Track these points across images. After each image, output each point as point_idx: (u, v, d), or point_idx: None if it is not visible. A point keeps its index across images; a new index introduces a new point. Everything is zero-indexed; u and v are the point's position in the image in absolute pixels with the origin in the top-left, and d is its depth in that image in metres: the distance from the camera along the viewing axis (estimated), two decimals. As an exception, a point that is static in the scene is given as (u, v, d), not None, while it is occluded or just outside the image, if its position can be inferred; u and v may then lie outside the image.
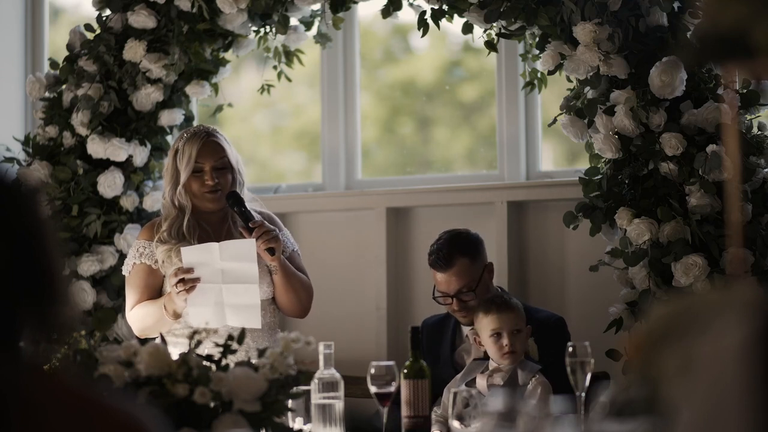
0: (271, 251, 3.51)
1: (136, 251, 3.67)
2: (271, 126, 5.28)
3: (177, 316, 3.55)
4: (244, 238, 3.52)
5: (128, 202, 4.40)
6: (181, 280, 3.46)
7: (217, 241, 3.52)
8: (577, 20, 3.75)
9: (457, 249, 3.62)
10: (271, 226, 3.56)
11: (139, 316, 3.63)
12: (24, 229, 1.28)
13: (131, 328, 3.70)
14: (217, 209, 3.62)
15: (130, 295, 3.66)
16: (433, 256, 3.64)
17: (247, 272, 3.48)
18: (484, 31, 4.02)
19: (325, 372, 2.89)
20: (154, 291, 3.63)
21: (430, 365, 3.58)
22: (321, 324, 4.29)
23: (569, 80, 3.91)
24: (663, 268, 3.63)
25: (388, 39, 5.12)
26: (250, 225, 3.52)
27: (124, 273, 3.72)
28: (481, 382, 3.32)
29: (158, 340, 2.57)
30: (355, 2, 4.35)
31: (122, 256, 4.37)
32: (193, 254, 3.49)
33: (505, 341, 3.31)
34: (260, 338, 3.59)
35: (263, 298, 3.60)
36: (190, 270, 3.48)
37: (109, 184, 4.36)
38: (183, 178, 3.60)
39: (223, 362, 2.43)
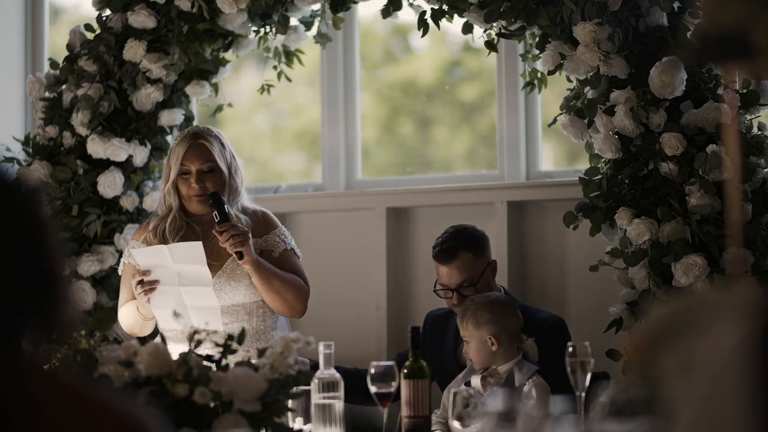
0: (239, 255, 3.45)
1: (126, 250, 3.70)
2: (271, 126, 5.28)
3: (149, 317, 3.56)
4: (216, 239, 3.51)
5: (128, 202, 4.40)
6: (140, 282, 3.47)
7: (205, 242, 3.51)
8: (577, 20, 3.76)
9: (462, 243, 3.64)
10: (242, 229, 3.47)
11: (122, 316, 3.66)
12: (25, 229, 1.28)
13: (121, 326, 3.73)
14: (205, 212, 3.59)
15: (120, 294, 3.69)
16: (438, 248, 3.66)
17: (201, 275, 3.44)
18: (484, 31, 4.02)
19: (325, 372, 2.89)
20: None
21: (433, 357, 3.59)
22: (321, 324, 4.28)
23: (569, 80, 3.91)
24: (663, 268, 3.63)
25: (388, 39, 5.12)
26: (217, 228, 3.48)
27: (119, 272, 3.74)
28: (475, 382, 3.32)
29: (158, 339, 2.57)
30: (355, 2, 4.35)
31: (122, 256, 4.38)
32: (145, 256, 3.49)
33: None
34: (246, 344, 3.53)
35: (246, 302, 3.56)
36: (147, 272, 3.47)
37: (109, 184, 4.36)
38: (171, 177, 3.58)
39: (223, 362, 2.43)
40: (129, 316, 3.62)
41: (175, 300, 3.46)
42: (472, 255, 3.63)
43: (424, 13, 4.06)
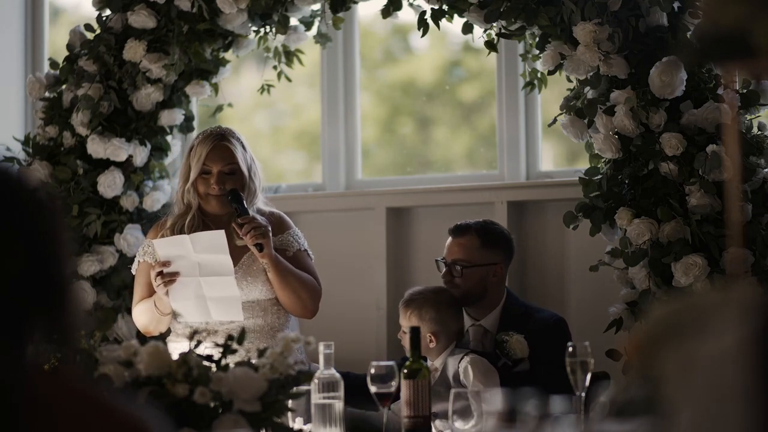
0: (258, 247, 3.49)
1: (142, 249, 3.72)
2: (271, 126, 5.28)
3: (166, 312, 3.57)
4: (235, 233, 3.53)
5: (128, 202, 4.40)
6: (160, 273, 3.48)
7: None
8: (577, 20, 3.76)
9: (476, 227, 3.71)
10: (262, 223, 3.52)
11: (138, 313, 3.67)
12: (33, 232, 1.28)
13: (136, 325, 3.73)
14: (223, 212, 3.62)
15: (135, 293, 3.71)
16: (456, 224, 3.74)
17: (222, 264, 3.46)
18: (484, 31, 4.02)
19: (325, 372, 2.89)
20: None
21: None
22: (321, 324, 4.28)
23: (569, 80, 3.91)
24: (663, 268, 3.63)
25: (388, 39, 5.12)
26: (239, 220, 3.51)
27: (132, 272, 3.75)
28: None
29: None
30: (355, 2, 4.35)
31: (122, 256, 4.38)
32: (166, 247, 3.51)
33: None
34: (261, 340, 3.57)
35: (261, 298, 3.59)
36: (167, 263, 3.49)
37: (109, 184, 4.36)
38: (191, 177, 3.61)
39: (223, 362, 2.43)
40: (145, 313, 3.64)
41: (195, 292, 3.48)
42: (479, 241, 3.68)
43: (424, 13, 4.06)
